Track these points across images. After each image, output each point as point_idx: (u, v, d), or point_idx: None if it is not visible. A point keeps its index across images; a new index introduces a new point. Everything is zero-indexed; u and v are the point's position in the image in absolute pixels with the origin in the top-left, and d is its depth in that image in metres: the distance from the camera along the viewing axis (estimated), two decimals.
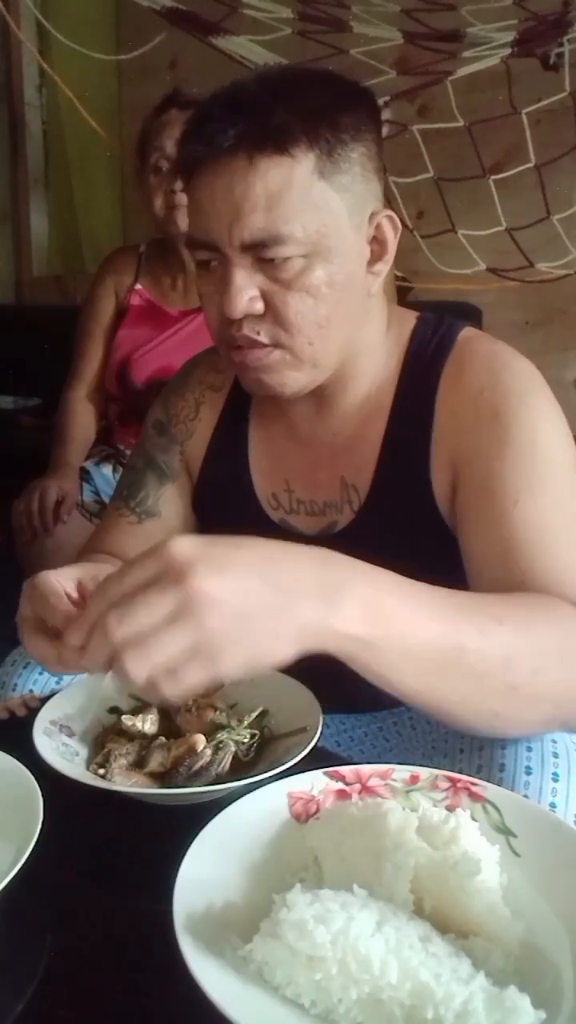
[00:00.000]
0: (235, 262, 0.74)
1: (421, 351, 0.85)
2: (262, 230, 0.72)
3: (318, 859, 0.56)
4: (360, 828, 0.55)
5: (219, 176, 0.73)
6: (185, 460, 0.97)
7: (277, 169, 0.72)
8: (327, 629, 0.55)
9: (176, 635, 0.51)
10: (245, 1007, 0.43)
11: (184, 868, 0.52)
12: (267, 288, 0.75)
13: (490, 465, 0.77)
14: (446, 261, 1.99)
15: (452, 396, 0.82)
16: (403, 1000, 0.44)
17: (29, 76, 2.93)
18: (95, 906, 0.59)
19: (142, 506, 0.96)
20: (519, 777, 0.69)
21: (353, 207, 0.76)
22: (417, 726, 0.95)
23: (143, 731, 0.72)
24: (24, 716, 0.79)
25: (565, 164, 1.95)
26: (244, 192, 0.72)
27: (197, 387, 0.98)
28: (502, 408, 0.78)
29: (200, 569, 0.51)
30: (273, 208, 0.72)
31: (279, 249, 0.73)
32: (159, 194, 1.72)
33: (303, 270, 0.74)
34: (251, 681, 0.80)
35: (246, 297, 0.75)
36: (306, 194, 0.73)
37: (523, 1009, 0.44)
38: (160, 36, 2.07)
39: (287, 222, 0.72)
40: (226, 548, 0.54)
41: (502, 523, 0.74)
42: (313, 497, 0.89)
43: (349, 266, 0.77)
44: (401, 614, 0.59)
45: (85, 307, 1.92)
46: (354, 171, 0.75)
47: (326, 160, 0.73)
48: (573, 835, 0.57)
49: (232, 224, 0.73)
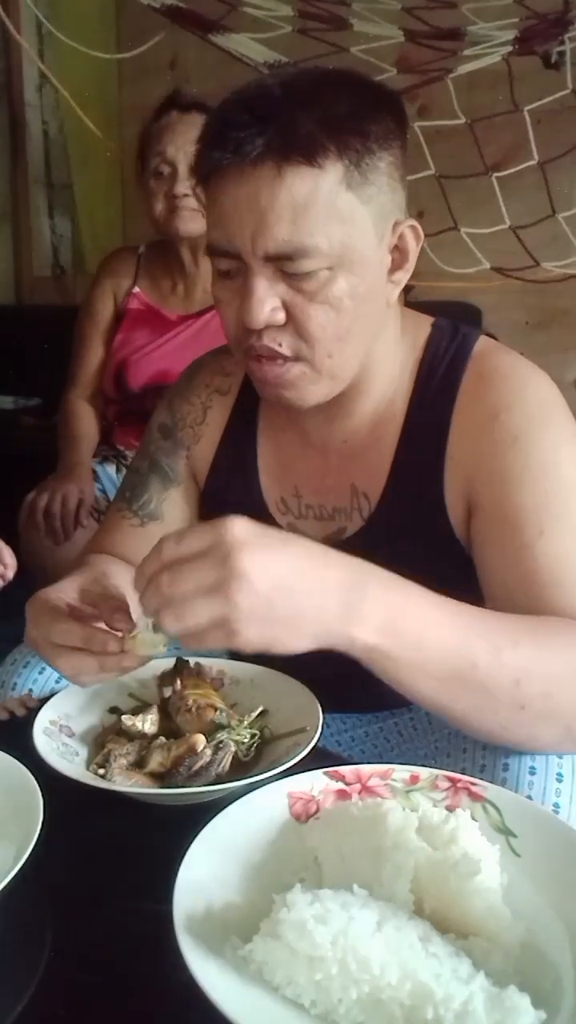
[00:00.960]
0: (257, 271, 0.73)
1: (436, 361, 0.84)
2: (287, 242, 0.71)
3: (318, 859, 0.56)
4: (360, 828, 0.55)
5: (244, 185, 0.71)
6: (191, 464, 0.96)
7: (304, 180, 0.70)
8: (344, 636, 0.62)
9: (209, 606, 0.58)
10: (245, 1007, 0.43)
11: (184, 868, 0.52)
12: (289, 299, 0.74)
13: (510, 494, 0.76)
14: (449, 260, 1.99)
15: (469, 415, 0.81)
16: (403, 1000, 0.44)
17: (29, 76, 2.93)
18: (95, 906, 0.59)
19: (145, 509, 0.96)
20: (523, 777, 0.68)
21: (378, 218, 0.75)
22: (419, 726, 0.95)
23: (143, 731, 0.72)
24: (24, 716, 0.79)
25: (568, 162, 1.95)
26: (269, 202, 0.70)
27: (203, 391, 0.97)
28: (521, 434, 0.77)
29: (247, 553, 0.58)
30: (298, 220, 0.70)
31: (303, 262, 0.71)
32: (160, 197, 1.71)
33: (326, 282, 0.73)
34: (251, 681, 0.80)
35: (268, 308, 0.73)
36: (332, 206, 0.71)
37: (523, 1009, 0.44)
38: (160, 35, 2.06)
39: (312, 234, 0.71)
40: (275, 539, 0.61)
41: (526, 555, 0.74)
42: (322, 502, 0.89)
43: (371, 277, 0.76)
44: (417, 627, 0.63)
45: (83, 310, 1.91)
46: (381, 181, 0.74)
47: (354, 171, 0.72)
48: (573, 835, 0.57)
49: (256, 234, 0.71)
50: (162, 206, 1.71)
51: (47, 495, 1.69)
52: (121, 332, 1.85)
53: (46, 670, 0.86)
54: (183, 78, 2.42)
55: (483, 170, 1.98)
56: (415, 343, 0.86)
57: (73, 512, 1.68)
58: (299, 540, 0.63)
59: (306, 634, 0.61)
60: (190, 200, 1.67)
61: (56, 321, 2.14)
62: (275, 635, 0.59)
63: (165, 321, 1.83)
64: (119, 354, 1.84)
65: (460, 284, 2.01)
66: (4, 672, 0.89)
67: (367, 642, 0.62)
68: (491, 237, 2.00)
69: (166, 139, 1.68)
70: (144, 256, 1.87)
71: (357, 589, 0.62)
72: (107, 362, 1.87)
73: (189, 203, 1.67)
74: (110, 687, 0.79)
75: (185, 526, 0.96)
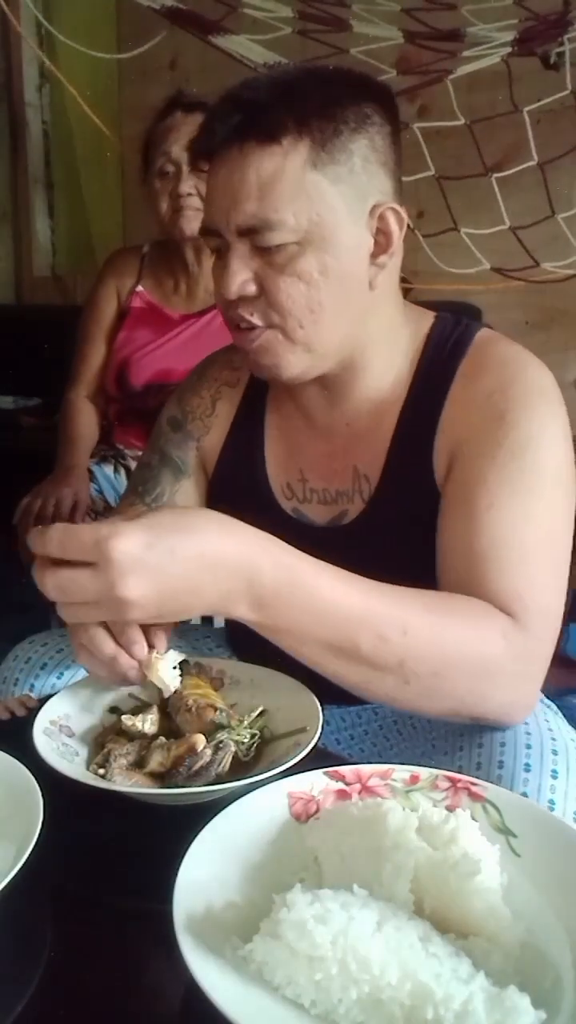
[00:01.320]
0: (233, 247, 0.78)
1: (438, 348, 0.86)
2: (253, 216, 0.76)
3: (318, 859, 0.56)
4: (360, 828, 0.55)
5: (220, 166, 0.77)
6: (201, 455, 0.98)
7: (268, 159, 0.75)
8: (228, 613, 0.67)
9: (96, 613, 0.64)
10: (245, 1007, 0.43)
11: (184, 868, 0.52)
12: (261, 272, 0.78)
13: (481, 466, 0.78)
14: (448, 261, 1.99)
15: (463, 393, 0.82)
16: (403, 1000, 0.44)
17: (29, 76, 2.94)
18: (95, 906, 0.59)
19: (158, 502, 0.97)
20: (518, 775, 0.69)
21: (352, 198, 0.77)
22: (417, 724, 0.95)
23: (143, 731, 0.72)
24: (24, 716, 0.79)
25: (567, 163, 1.95)
26: (240, 180, 0.75)
27: (212, 384, 0.99)
28: (508, 412, 0.79)
29: (131, 581, 0.60)
30: (265, 196, 0.75)
31: (271, 236, 0.76)
32: (164, 198, 1.72)
33: (295, 256, 0.77)
34: (251, 681, 0.80)
35: (240, 279, 0.78)
36: (298, 183, 0.75)
37: (523, 1009, 0.44)
38: (160, 35, 2.06)
39: (277, 210, 0.75)
40: (160, 558, 0.62)
41: (471, 526, 0.76)
42: (326, 486, 0.90)
43: (346, 256, 0.78)
44: (302, 606, 0.67)
45: (87, 309, 1.92)
46: (352, 162, 0.77)
47: (319, 151, 0.75)
48: (573, 835, 0.57)
49: (229, 211, 0.77)
50: (167, 206, 1.72)
51: (41, 499, 1.69)
52: (124, 330, 1.85)
53: (46, 667, 0.86)
54: (183, 78, 2.42)
55: (483, 171, 1.97)
56: (418, 331, 0.88)
57: (67, 516, 1.69)
58: (186, 545, 0.63)
59: (193, 613, 0.68)
60: (194, 199, 1.68)
61: (56, 321, 2.14)
62: (162, 617, 0.65)
63: (168, 320, 1.83)
64: (121, 352, 1.84)
65: (461, 285, 2.01)
66: (5, 670, 0.89)
67: (248, 617, 0.67)
68: (491, 237, 2.00)
69: (171, 139, 1.69)
70: (148, 256, 1.88)
71: (239, 577, 0.65)
72: (109, 360, 1.87)
73: (193, 202, 1.69)
74: (110, 687, 0.79)
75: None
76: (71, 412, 1.87)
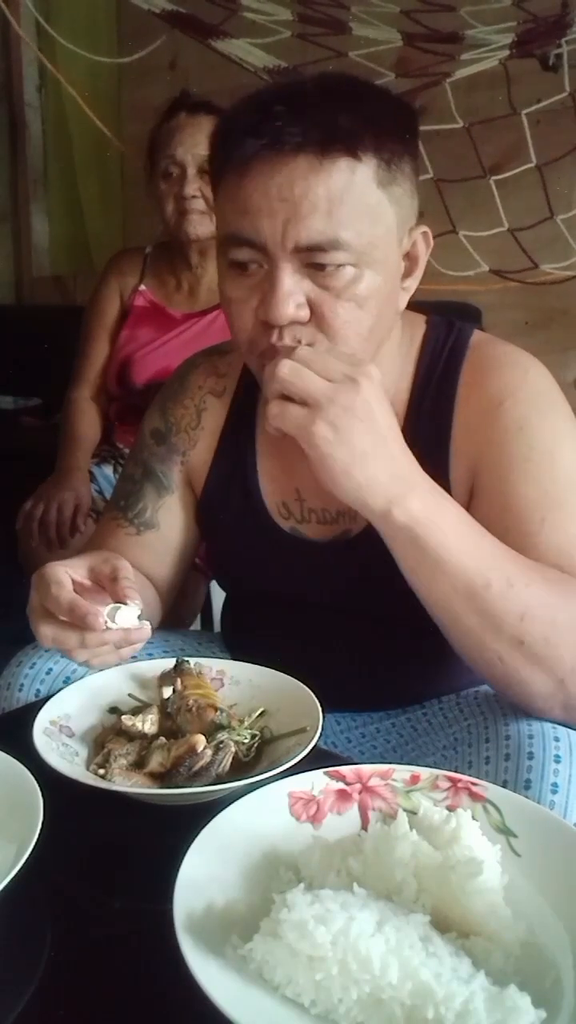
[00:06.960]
0: (284, 265, 0.72)
1: (435, 357, 0.85)
2: (320, 232, 0.70)
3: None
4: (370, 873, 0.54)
5: (276, 175, 0.70)
6: (187, 470, 0.95)
7: (342, 172, 0.70)
8: (384, 504, 0.70)
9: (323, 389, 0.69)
10: (245, 1007, 0.43)
11: (184, 868, 0.52)
12: (314, 295, 0.73)
13: (514, 483, 0.78)
14: (447, 263, 1.99)
15: (471, 405, 0.82)
16: (404, 1000, 0.44)
17: (29, 76, 2.93)
18: (95, 906, 0.59)
19: (140, 518, 0.95)
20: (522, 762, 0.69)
21: (401, 220, 0.76)
22: (417, 727, 0.95)
23: (143, 731, 0.72)
24: (24, 716, 0.78)
25: (566, 164, 1.95)
26: (304, 192, 0.69)
27: (197, 393, 0.96)
28: (525, 423, 0.79)
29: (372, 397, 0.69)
30: (334, 211, 0.70)
31: (334, 255, 0.71)
32: (169, 200, 1.72)
33: (354, 279, 0.73)
34: (251, 681, 0.80)
35: (294, 303, 0.72)
36: (366, 201, 0.72)
37: (523, 1008, 0.44)
38: (161, 38, 2.07)
39: (345, 227, 0.71)
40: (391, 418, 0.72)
41: (529, 544, 0.75)
42: (325, 506, 0.88)
43: (390, 279, 0.76)
44: (446, 530, 0.70)
45: (89, 308, 1.92)
46: (405, 184, 0.75)
47: (385, 169, 0.72)
48: (573, 835, 0.57)
49: (288, 224, 0.70)
50: (172, 208, 1.72)
51: (43, 504, 1.70)
52: (126, 329, 1.86)
53: (52, 670, 0.85)
54: (183, 79, 2.42)
55: (481, 172, 1.97)
56: (412, 342, 0.87)
57: (69, 520, 1.69)
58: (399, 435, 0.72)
59: (356, 475, 0.69)
60: (199, 202, 1.68)
61: (56, 321, 2.14)
62: (346, 455, 0.69)
63: (170, 319, 1.84)
64: (124, 350, 1.85)
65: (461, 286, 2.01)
66: (10, 673, 0.88)
67: (400, 520, 0.69)
68: (490, 239, 2.00)
69: (175, 141, 1.69)
70: (151, 256, 1.89)
71: (409, 481, 0.70)
72: (111, 359, 1.87)
73: (198, 205, 1.69)
74: (110, 687, 0.79)
75: (182, 533, 0.96)
76: (74, 412, 1.87)
